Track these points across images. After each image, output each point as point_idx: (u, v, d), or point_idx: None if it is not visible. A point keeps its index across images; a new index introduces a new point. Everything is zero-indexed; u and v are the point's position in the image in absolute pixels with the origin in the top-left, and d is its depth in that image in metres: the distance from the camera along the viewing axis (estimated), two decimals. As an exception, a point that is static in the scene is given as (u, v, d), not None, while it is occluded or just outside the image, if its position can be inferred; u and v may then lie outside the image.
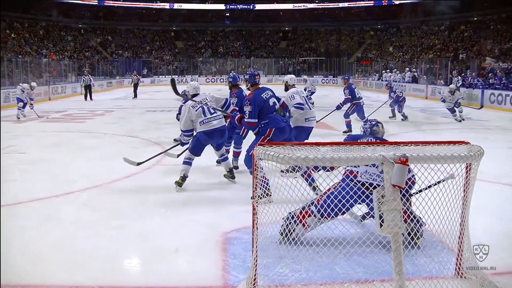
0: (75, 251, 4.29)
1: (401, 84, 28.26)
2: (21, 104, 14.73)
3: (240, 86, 7.39)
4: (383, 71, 36.34)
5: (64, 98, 24.92)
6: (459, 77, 21.87)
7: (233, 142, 7.53)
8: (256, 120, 5.76)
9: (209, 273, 3.74)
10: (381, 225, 2.82)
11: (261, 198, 3.27)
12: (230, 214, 5.31)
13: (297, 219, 4.05)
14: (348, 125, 11.91)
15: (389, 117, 14.64)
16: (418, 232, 3.93)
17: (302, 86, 19.53)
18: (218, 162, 7.49)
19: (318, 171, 3.88)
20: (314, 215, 4.08)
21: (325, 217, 4.03)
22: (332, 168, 3.89)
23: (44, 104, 21.01)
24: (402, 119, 14.42)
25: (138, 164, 6.78)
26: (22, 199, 5.92)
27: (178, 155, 6.84)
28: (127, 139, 10.67)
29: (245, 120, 5.78)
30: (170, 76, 44.07)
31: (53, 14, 46.28)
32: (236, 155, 7.54)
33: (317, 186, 5.37)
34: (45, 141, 10.76)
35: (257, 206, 3.17)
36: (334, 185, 4.09)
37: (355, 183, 4.05)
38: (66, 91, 26.68)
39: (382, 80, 33.70)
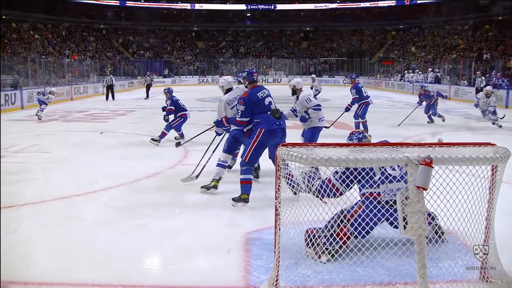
0: (97, 249, 4.33)
1: (424, 84, 27.91)
2: (44, 106, 15.00)
3: None
4: (405, 71, 35.99)
5: (86, 98, 25.23)
6: (483, 78, 21.52)
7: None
8: (248, 119, 5.68)
9: (231, 274, 3.74)
10: (404, 227, 2.79)
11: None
12: (252, 214, 5.31)
13: (341, 240, 3.76)
14: (357, 126, 11.39)
15: (427, 121, 13.91)
16: (440, 228, 3.95)
17: (309, 85, 19.38)
18: (229, 167, 7.45)
19: (324, 197, 3.76)
20: (355, 236, 3.83)
21: (355, 236, 3.86)
22: (337, 190, 3.83)
23: (66, 104, 21.29)
24: (442, 120, 13.66)
25: (197, 177, 6.61)
26: (45, 198, 6.01)
27: (197, 177, 6.65)
28: (148, 139, 10.72)
29: (237, 118, 5.73)
30: (191, 76, 44.41)
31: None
32: None
33: (298, 191, 5.22)
34: (68, 141, 10.90)
35: (279, 207, 3.16)
36: (358, 205, 3.96)
37: (382, 204, 3.82)
38: (88, 91, 27.02)
39: (404, 81, 33.40)
